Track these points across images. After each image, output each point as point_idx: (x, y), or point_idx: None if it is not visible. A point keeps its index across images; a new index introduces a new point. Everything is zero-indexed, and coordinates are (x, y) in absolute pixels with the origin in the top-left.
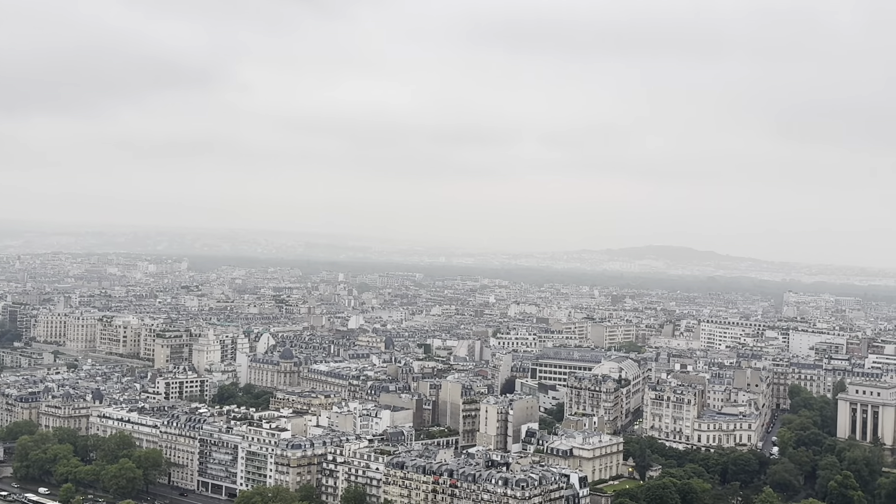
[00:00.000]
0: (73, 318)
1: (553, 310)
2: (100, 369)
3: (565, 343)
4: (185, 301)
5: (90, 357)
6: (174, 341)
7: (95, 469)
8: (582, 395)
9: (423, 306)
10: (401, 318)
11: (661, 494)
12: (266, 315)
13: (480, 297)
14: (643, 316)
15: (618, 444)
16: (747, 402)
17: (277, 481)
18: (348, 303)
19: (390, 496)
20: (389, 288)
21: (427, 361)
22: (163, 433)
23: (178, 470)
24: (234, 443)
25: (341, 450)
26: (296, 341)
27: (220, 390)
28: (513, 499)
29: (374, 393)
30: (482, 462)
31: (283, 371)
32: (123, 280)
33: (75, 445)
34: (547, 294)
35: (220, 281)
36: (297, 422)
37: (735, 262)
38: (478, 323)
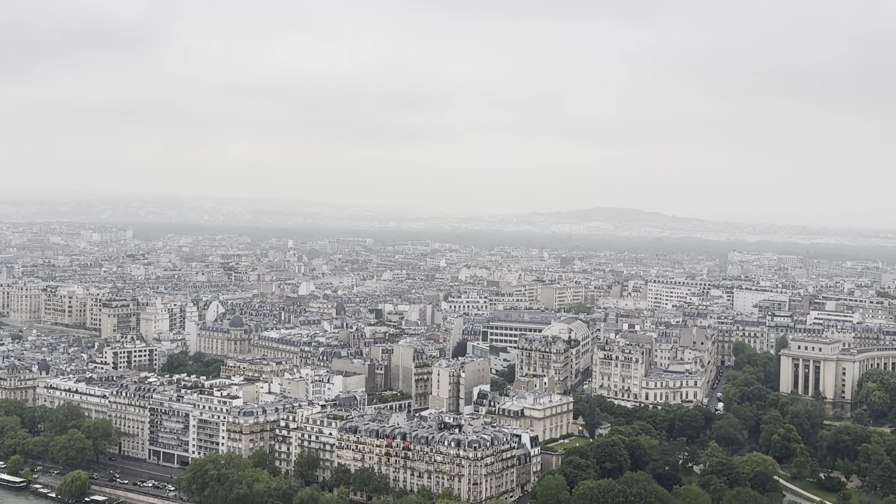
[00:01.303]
0: (17, 289)
1: (503, 273)
2: (45, 340)
3: (516, 306)
4: (131, 270)
5: (35, 328)
6: (121, 311)
7: (44, 440)
8: (532, 356)
9: (374, 271)
10: (352, 283)
11: (611, 451)
12: (215, 283)
13: (431, 261)
14: (592, 277)
15: (568, 403)
16: (693, 360)
17: (230, 448)
18: (298, 269)
19: (344, 460)
20: (340, 254)
21: (379, 326)
22: (112, 403)
23: (129, 439)
24: (185, 411)
25: (294, 416)
26: (246, 309)
27: (169, 359)
28: (465, 460)
29: (325, 359)
30: (435, 425)
31: (234, 339)
32: (67, 249)
33: (22, 417)
34: (497, 257)
35: (166, 249)
36: (249, 389)
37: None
38: (429, 287)
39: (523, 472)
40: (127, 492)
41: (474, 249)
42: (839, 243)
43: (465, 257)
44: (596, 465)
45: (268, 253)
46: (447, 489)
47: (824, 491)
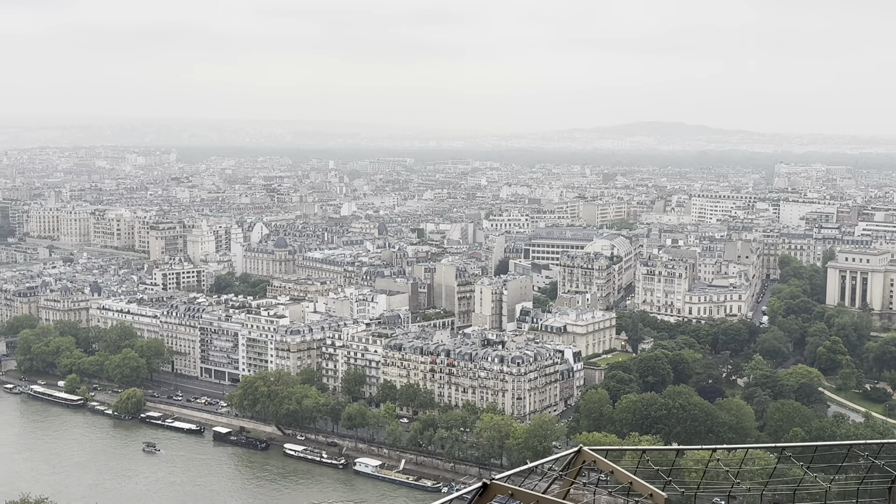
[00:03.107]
0: (66, 213)
1: (545, 190)
2: (96, 262)
3: (557, 223)
4: (176, 193)
5: (85, 251)
6: (168, 233)
7: (99, 360)
8: (574, 273)
9: (415, 191)
10: (393, 203)
11: (653, 365)
12: (258, 205)
13: (472, 179)
14: (634, 193)
15: (610, 319)
16: (738, 274)
17: (278, 366)
18: (340, 190)
19: (389, 377)
20: (381, 174)
21: (421, 246)
22: (163, 323)
23: (181, 358)
24: (234, 330)
25: (339, 334)
26: (289, 230)
27: (216, 280)
28: (509, 375)
29: (369, 278)
30: (478, 341)
31: (278, 259)
32: (113, 173)
33: (77, 337)
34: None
35: (209, 172)
36: (295, 308)
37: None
38: (470, 206)
39: (566, 387)
40: (181, 408)
41: (515, 167)
42: (889, 152)
43: (506, 175)
44: (639, 379)
45: (309, 174)
46: (491, 404)
47: (870, 402)
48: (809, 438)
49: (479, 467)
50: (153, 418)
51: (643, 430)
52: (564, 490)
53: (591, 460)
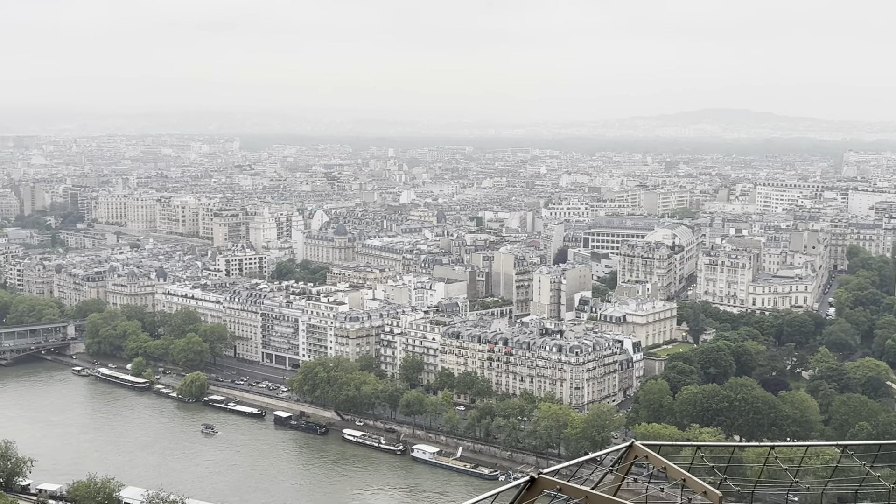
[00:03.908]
0: (133, 200)
1: (605, 179)
2: (161, 248)
3: (618, 212)
4: (239, 180)
5: (151, 237)
6: (231, 220)
7: (164, 343)
8: (635, 262)
9: (474, 179)
10: (452, 191)
11: (715, 356)
12: (318, 192)
13: (531, 168)
14: (697, 181)
15: (671, 309)
16: (803, 265)
17: (338, 352)
18: (399, 178)
19: (447, 364)
20: (440, 162)
21: (479, 234)
22: (226, 308)
23: (243, 343)
24: (294, 316)
25: (398, 321)
26: (349, 217)
27: (277, 267)
28: (567, 364)
29: (427, 266)
30: (536, 330)
31: (338, 247)
32: (178, 161)
33: (143, 321)
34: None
35: (271, 159)
36: (354, 295)
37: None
38: (529, 194)
39: (625, 377)
40: (243, 392)
41: (575, 155)
42: None
43: (566, 163)
44: (700, 371)
45: (369, 162)
46: (549, 393)
47: None
48: (876, 433)
49: (537, 456)
50: (216, 402)
51: (704, 422)
52: (615, 486)
53: (644, 455)
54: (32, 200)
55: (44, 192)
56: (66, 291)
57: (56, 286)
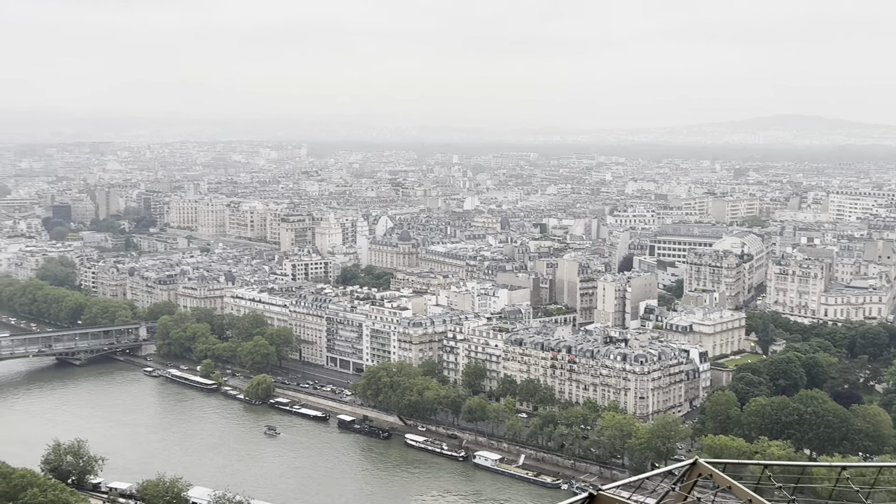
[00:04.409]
0: (203, 205)
1: (672, 186)
2: (230, 252)
3: (685, 219)
4: (305, 186)
5: (221, 241)
6: (298, 225)
7: (232, 346)
8: (702, 271)
9: (538, 186)
10: (516, 198)
11: (785, 368)
12: (383, 198)
13: (597, 174)
14: (768, 189)
15: (739, 319)
16: (878, 275)
17: (401, 357)
18: (463, 184)
19: (510, 371)
20: (504, 168)
21: (543, 241)
22: (292, 312)
23: (308, 346)
24: (358, 321)
25: (461, 327)
26: (413, 223)
27: (342, 271)
28: (632, 374)
29: (490, 272)
30: (600, 338)
31: (402, 252)
32: (247, 167)
33: (212, 324)
34: (666, 170)
35: (338, 166)
36: (418, 301)
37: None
38: (594, 201)
39: (692, 388)
40: (308, 395)
41: (641, 162)
42: None
43: (632, 170)
44: (769, 382)
45: (433, 168)
46: (613, 402)
47: None
48: None
49: (601, 466)
50: (282, 404)
51: (772, 435)
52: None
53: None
54: (107, 205)
55: (118, 197)
56: (139, 294)
57: (129, 289)
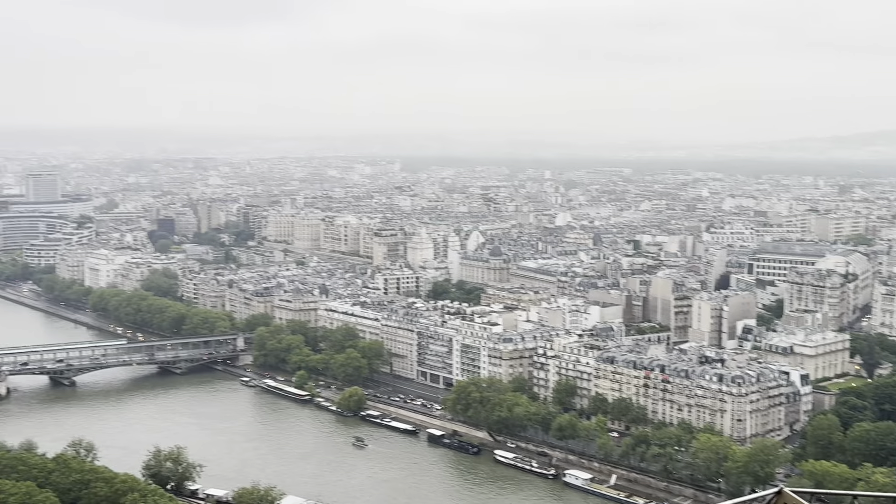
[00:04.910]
0: (300, 219)
1: (772, 202)
2: (325, 266)
3: (785, 237)
4: (398, 201)
5: (315, 254)
6: (390, 239)
7: (325, 358)
8: (804, 290)
9: (632, 202)
10: (609, 214)
11: (892, 392)
12: (475, 213)
13: (692, 190)
14: (874, 207)
15: (843, 341)
16: None
17: (491, 373)
18: (555, 200)
19: (601, 390)
20: (597, 184)
21: (636, 258)
22: (383, 326)
23: (399, 360)
24: (449, 336)
25: (552, 344)
26: (504, 239)
27: (434, 286)
28: (728, 395)
29: (582, 289)
30: (695, 358)
31: (493, 268)
32: (342, 182)
33: (306, 336)
34: (765, 186)
35: (430, 181)
36: (508, 317)
37: None
38: (690, 218)
39: (792, 411)
40: (398, 408)
41: (739, 178)
42: None
43: (730, 186)
44: (874, 407)
45: (525, 184)
46: (708, 424)
47: None
48: None
49: (695, 489)
50: (373, 417)
51: (877, 461)
52: None
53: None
54: (209, 218)
55: (219, 211)
56: (237, 305)
57: (228, 300)
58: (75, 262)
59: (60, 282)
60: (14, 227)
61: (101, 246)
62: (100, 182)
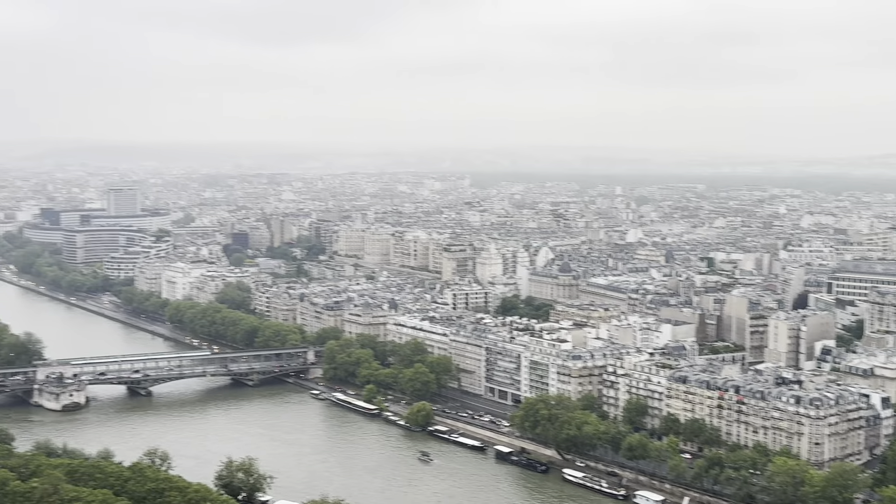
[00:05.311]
0: (370, 234)
1: (853, 220)
2: (394, 280)
3: (866, 255)
4: (468, 216)
5: (385, 269)
6: (459, 255)
7: (393, 372)
8: (885, 311)
9: (706, 218)
10: (682, 230)
11: None
12: (544, 229)
13: (769, 207)
14: None
15: None
16: None
17: (559, 390)
18: (626, 216)
19: (673, 410)
20: (669, 200)
21: (710, 275)
22: (452, 341)
23: (467, 376)
24: (517, 352)
25: (622, 362)
26: (574, 255)
27: (502, 302)
28: (806, 417)
29: (653, 307)
30: (771, 379)
31: (562, 284)
32: (412, 197)
33: (375, 350)
34: (846, 203)
35: (500, 196)
36: (578, 334)
37: None
38: (766, 235)
39: (872, 435)
40: (466, 424)
41: (818, 195)
42: None
43: (808, 203)
44: None
45: (596, 200)
46: (785, 447)
47: None
48: None
49: None
50: (440, 432)
51: None
52: None
53: None
54: (282, 233)
55: (291, 226)
56: (308, 319)
57: (299, 313)
58: (153, 274)
59: (139, 294)
60: (95, 241)
61: (177, 259)
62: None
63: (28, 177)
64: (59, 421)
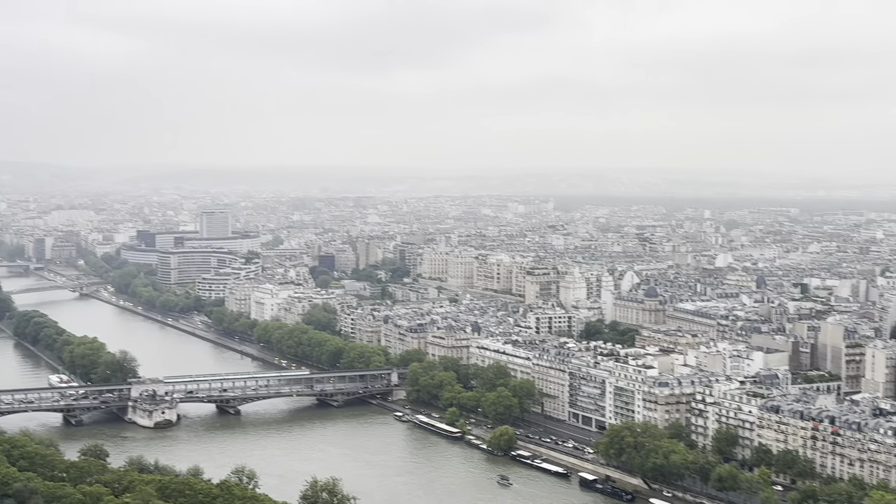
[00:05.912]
0: (453, 257)
1: None
2: (477, 303)
3: None
4: (551, 240)
5: (468, 292)
6: (543, 278)
7: (476, 396)
8: None
9: (799, 243)
10: (773, 255)
11: None
12: (629, 253)
13: (866, 232)
14: None
15: None
16: None
17: (645, 417)
18: (715, 240)
19: (765, 440)
20: (760, 224)
21: (804, 302)
22: (535, 365)
23: (550, 400)
24: (601, 377)
25: (711, 390)
26: (660, 279)
27: (586, 326)
28: None
29: (744, 334)
30: (868, 410)
31: (648, 309)
32: (495, 220)
33: (458, 373)
34: None
35: (584, 220)
36: (664, 360)
37: None
38: (863, 261)
39: None
40: (549, 450)
41: None
42: None
43: None
44: None
45: (683, 223)
46: (882, 481)
47: None
48: None
49: None
50: (523, 457)
51: None
52: None
53: None
54: (367, 255)
55: (377, 248)
56: (392, 341)
57: (383, 335)
58: (243, 295)
59: (229, 314)
60: (188, 262)
61: (266, 280)
62: (266, 219)
63: (126, 200)
64: (152, 437)
